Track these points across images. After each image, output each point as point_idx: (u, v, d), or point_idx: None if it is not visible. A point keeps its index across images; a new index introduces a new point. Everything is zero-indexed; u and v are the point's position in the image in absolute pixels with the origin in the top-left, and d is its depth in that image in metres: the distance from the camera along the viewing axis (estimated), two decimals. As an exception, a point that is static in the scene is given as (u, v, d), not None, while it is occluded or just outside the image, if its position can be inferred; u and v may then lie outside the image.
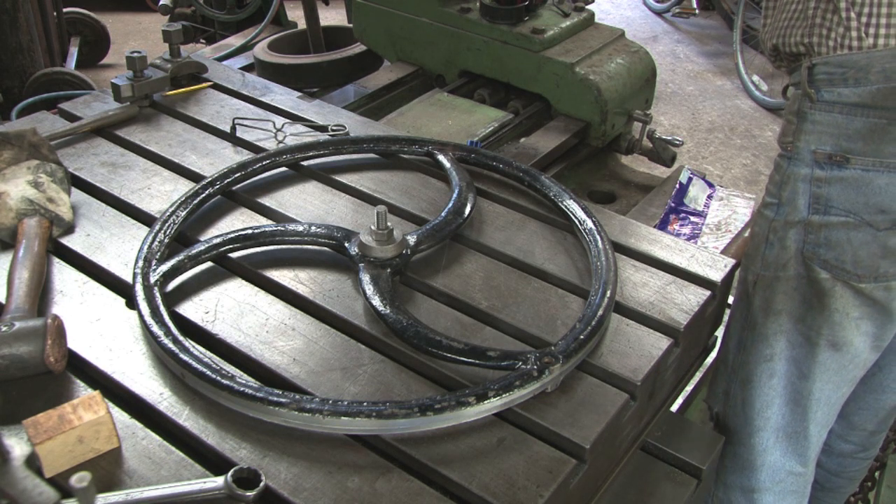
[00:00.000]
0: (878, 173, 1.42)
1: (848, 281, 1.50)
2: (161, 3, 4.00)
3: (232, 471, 1.06)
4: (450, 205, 1.57)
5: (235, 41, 3.95)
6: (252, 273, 1.46)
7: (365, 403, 1.12)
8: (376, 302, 1.33)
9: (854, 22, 1.37)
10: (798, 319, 1.59)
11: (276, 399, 1.13)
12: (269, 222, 1.59)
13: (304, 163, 1.77)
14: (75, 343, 1.29)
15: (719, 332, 1.74)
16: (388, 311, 1.31)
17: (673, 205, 2.70)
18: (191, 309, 1.38)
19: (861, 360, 1.61)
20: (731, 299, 1.75)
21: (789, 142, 1.52)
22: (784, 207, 1.54)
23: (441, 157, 1.75)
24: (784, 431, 1.70)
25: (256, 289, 1.42)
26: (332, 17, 5.65)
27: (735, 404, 1.75)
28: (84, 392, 1.21)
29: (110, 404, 1.16)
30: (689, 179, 2.82)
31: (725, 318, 1.74)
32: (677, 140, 2.92)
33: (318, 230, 1.49)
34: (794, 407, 1.67)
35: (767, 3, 1.58)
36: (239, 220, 1.60)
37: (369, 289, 1.36)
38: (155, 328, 1.26)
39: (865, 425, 1.93)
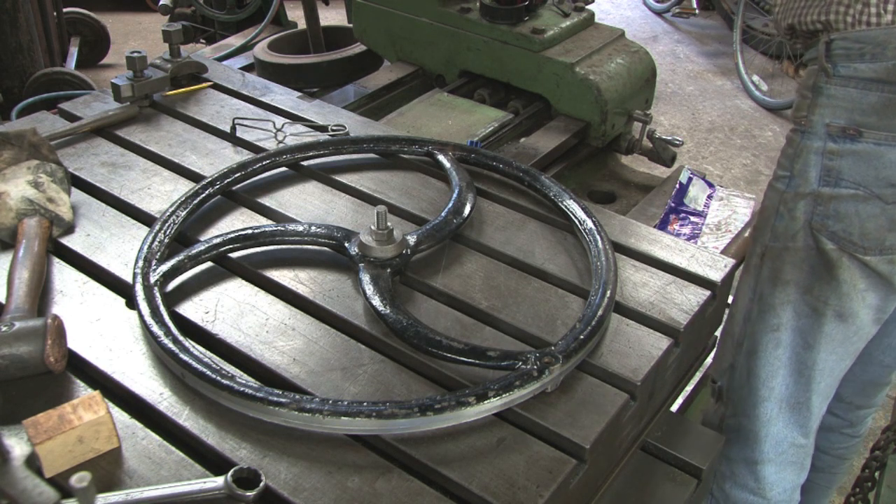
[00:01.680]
0: (889, 147, 1.45)
1: (854, 253, 1.52)
2: (161, 3, 4.00)
3: (232, 471, 1.06)
4: (450, 205, 1.57)
5: (235, 41, 3.95)
6: (252, 273, 1.46)
7: (365, 403, 1.12)
8: (376, 302, 1.33)
9: None
10: (805, 290, 1.61)
11: (276, 399, 1.13)
12: (269, 222, 1.59)
13: (304, 163, 1.77)
14: (75, 343, 1.29)
15: (721, 333, 1.74)
16: (388, 311, 1.31)
17: (673, 205, 2.71)
18: (191, 309, 1.38)
19: (865, 332, 1.64)
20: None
21: (803, 116, 1.54)
22: (795, 179, 1.57)
23: (441, 157, 1.75)
24: (787, 402, 1.73)
25: (256, 289, 1.42)
26: (332, 17, 5.65)
27: (740, 376, 1.78)
28: (84, 392, 1.21)
29: (110, 404, 1.16)
30: (689, 179, 2.82)
31: (733, 290, 1.75)
32: (677, 140, 2.92)
33: (318, 230, 1.49)
34: (797, 378, 1.69)
35: None
36: (239, 220, 1.60)
37: (369, 289, 1.36)
38: (155, 328, 1.26)
39: (851, 398, 1.96)
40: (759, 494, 1.83)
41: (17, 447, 1.12)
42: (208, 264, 1.46)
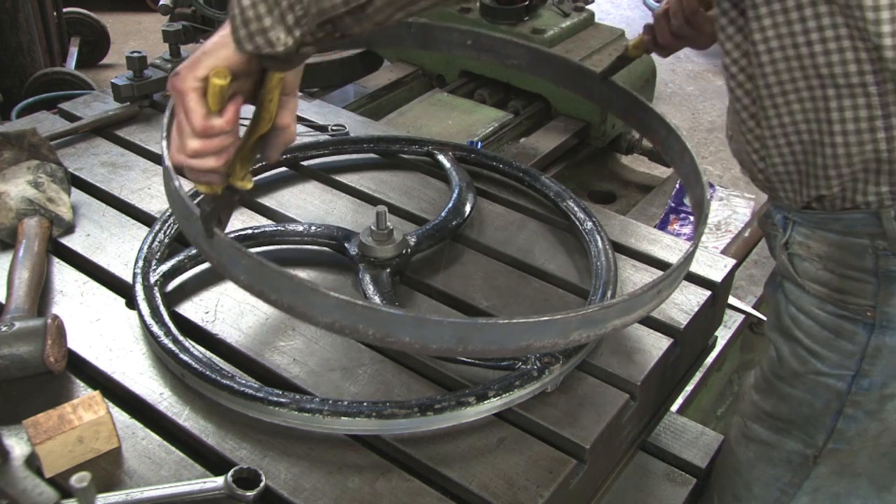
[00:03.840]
0: None
1: None
2: (161, 3, 4.01)
3: (232, 471, 1.06)
4: (450, 205, 1.57)
5: (235, 41, 3.94)
6: (252, 273, 1.46)
7: (365, 403, 1.12)
8: (376, 302, 1.33)
9: None
10: (882, 487, 1.39)
11: (276, 399, 1.13)
12: (269, 222, 1.59)
13: (304, 163, 1.77)
14: (75, 343, 1.29)
15: (721, 333, 1.74)
16: (388, 311, 1.31)
17: (673, 205, 2.71)
18: (191, 309, 1.37)
19: None
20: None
21: (868, 306, 1.19)
22: (870, 380, 1.25)
23: (441, 157, 1.75)
24: None
25: (256, 289, 1.42)
26: (332, 17, 5.64)
27: None
28: (84, 392, 1.21)
29: (110, 404, 1.16)
30: (689, 179, 2.82)
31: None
32: (677, 140, 2.92)
33: (318, 230, 1.49)
34: None
35: (774, 142, 1.13)
36: (239, 220, 1.60)
37: (369, 289, 1.36)
38: (155, 328, 1.26)
39: None
40: None
41: (17, 447, 1.12)
42: (208, 264, 1.46)
